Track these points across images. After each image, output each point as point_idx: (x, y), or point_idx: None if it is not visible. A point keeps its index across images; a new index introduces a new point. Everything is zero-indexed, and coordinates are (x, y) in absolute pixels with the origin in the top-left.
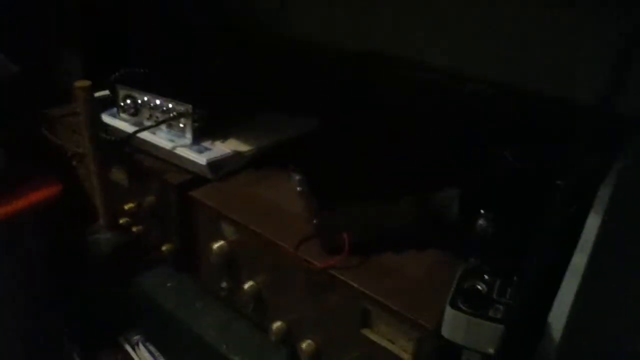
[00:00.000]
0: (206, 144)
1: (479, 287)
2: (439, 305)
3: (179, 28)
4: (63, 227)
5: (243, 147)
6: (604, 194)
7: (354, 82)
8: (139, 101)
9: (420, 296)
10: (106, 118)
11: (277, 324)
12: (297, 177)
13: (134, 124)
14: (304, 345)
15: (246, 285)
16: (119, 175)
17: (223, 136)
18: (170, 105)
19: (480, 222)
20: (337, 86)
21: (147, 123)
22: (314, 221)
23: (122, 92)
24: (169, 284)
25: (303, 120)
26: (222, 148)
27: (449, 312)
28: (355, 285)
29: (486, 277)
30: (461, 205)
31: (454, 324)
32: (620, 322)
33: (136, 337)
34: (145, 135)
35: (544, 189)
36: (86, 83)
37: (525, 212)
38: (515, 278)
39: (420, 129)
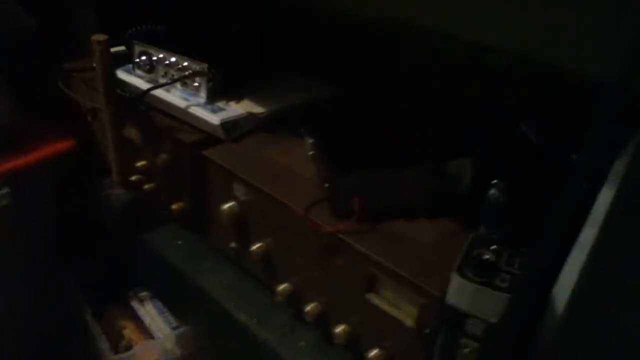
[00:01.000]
0: (220, 104)
1: (486, 256)
2: (445, 272)
3: None
4: (75, 181)
5: (257, 109)
6: (618, 168)
7: (371, 49)
8: (155, 58)
9: (427, 263)
10: (121, 74)
11: (283, 286)
12: (310, 141)
13: (149, 81)
14: (309, 307)
15: (255, 246)
16: (132, 132)
17: (238, 97)
18: (185, 64)
19: (492, 191)
20: (354, 53)
21: (162, 80)
22: (325, 185)
23: (137, 48)
24: (178, 242)
25: (318, 85)
26: (236, 109)
27: (455, 279)
28: (362, 249)
29: (494, 246)
30: (474, 175)
31: (460, 291)
32: (625, 299)
33: (144, 294)
34: (159, 92)
35: (558, 161)
36: (103, 37)
37: (538, 183)
38: (523, 249)
39: (436, 98)
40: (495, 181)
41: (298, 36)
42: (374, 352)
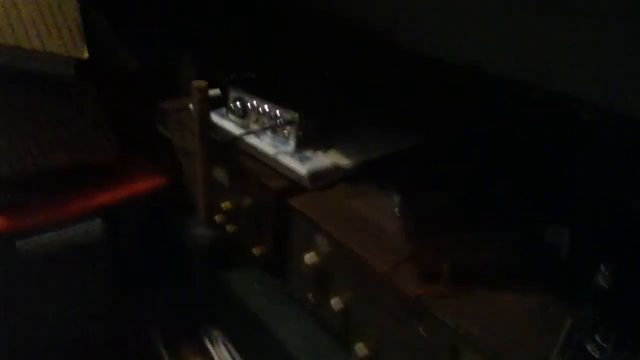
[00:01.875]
0: (308, 153)
1: (588, 346)
2: (536, 350)
3: (292, 37)
4: (164, 217)
5: (343, 160)
6: None
7: (465, 98)
8: (248, 105)
9: (517, 338)
10: (214, 117)
11: (360, 344)
12: (397, 197)
13: (241, 126)
14: None
15: (333, 299)
16: (220, 173)
17: (325, 147)
18: (277, 112)
19: (599, 275)
20: (445, 102)
21: (254, 126)
22: (412, 245)
23: (232, 94)
24: (256, 285)
25: (406, 135)
26: (323, 159)
27: None
28: (448, 318)
29: (597, 336)
30: (573, 246)
31: None
32: None
33: (216, 333)
34: (250, 138)
35: None
36: (203, 83)
37: None
38: (631, 341)
39: (528, 156)
40: (602, 264)
41: (389, 84)
42: None
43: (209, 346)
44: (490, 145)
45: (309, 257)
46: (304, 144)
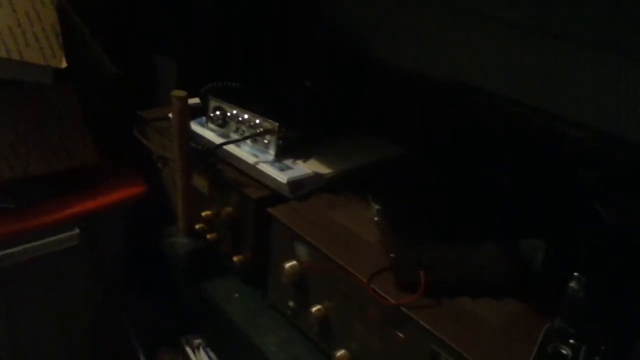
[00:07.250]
0: (288, 162)
1: (563, 351)
2: (514, 357)
3: (275, 50)
4: (143, 226)
5: (324, 169)
6: None
7: (445, 112)
8: (228, 114)
9: (494, 347)
10: (194, 126)
11: (340, 352)
12: (376, 207)
13: (221, 135)
14: None
15: (313, 308)
16: (200, 182)
17: (305, 156)
18: (257, 121)
19: (572, 284)
20: (424, 115)
21: (234, 135)
22: (391, 255)
23: (212, 103)
24: (236, 295)
25: (386, 146)
26: (303, 168)
27: None
28: (427, 326)
29: (572, 341)
30: (547, 258)
31: None
32: None
33: (198, 341)
34: (230, 147)
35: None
36: (182, 93)
37: (622, 275)
38: (603, 347)
39: (508, 170)
40: (576, 274)
41: (370, 95)
42: None
43: (191, 354)
44: (471, 158)
45: (289, 266)
46: (284, 153)
